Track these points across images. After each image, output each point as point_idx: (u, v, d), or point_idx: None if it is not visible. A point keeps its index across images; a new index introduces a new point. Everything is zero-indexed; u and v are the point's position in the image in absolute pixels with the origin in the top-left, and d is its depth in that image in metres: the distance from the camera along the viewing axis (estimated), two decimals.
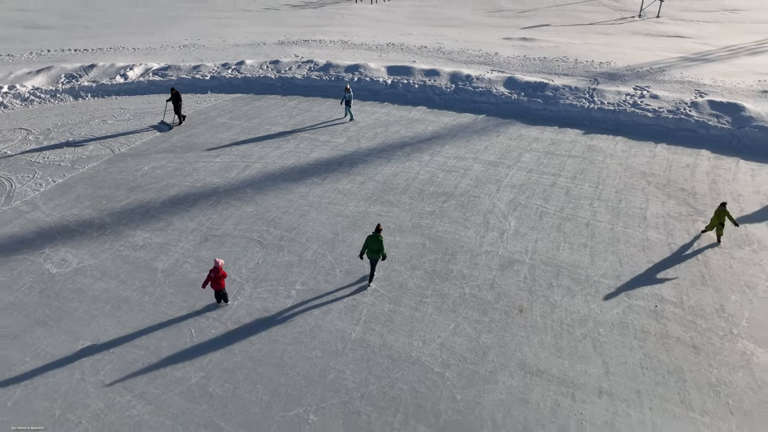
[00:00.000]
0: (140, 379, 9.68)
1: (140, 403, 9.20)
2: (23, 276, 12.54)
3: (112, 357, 10.19)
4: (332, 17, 42.51)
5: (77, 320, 11.15)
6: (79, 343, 10.54)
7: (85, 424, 8.87)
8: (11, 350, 10.36)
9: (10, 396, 9.38)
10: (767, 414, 9.04)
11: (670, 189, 16.47)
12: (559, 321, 11.11)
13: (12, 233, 14.26)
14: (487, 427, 8.83)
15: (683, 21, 40.37)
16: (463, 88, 24.41)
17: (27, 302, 11.68)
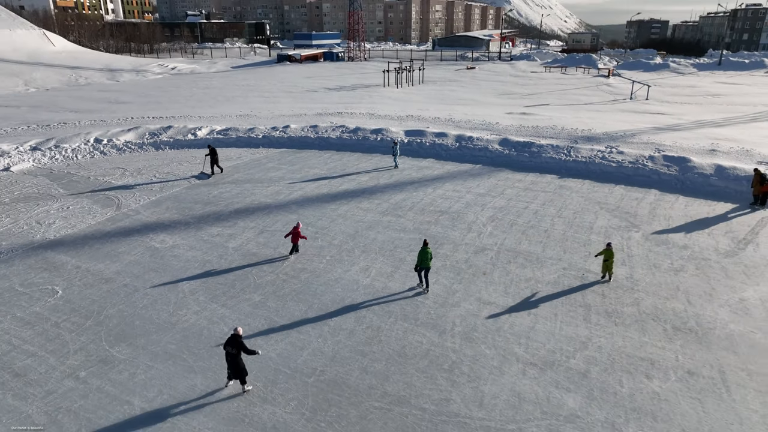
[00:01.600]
0: (220, 298, 14.57)
1: (221, 308, 14.05)
2: (138, 247, 17.88)
3: (204, 286, 15.17)
4: (362, 97, 49.88)
5: (177, 270, 16.27)
6: (179, 280, 15.58)
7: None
8: (138, 281, 15.43)
9: (141, 298, 14.36)
10: (640, 327, 13.37)
11: (617, 212, 21.22)
12: (511, 280, 15.71)
13: (125, 226, 19.80)
14: (449, 326, 13.38)
15: (668, 102, 46.28)
16: (465, 146, 30.08)
17: (142, 261, 16.91)
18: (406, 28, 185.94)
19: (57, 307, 14.17)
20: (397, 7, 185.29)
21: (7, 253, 17.46)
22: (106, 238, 18.71)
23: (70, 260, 16.98)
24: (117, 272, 16.19)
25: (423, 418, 10.34)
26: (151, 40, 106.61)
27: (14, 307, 14.21)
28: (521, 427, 10.10)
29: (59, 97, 51.67)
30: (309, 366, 11.84)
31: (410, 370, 11.74)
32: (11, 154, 28.39)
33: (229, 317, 13.71)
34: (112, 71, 70.24)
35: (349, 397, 10.87)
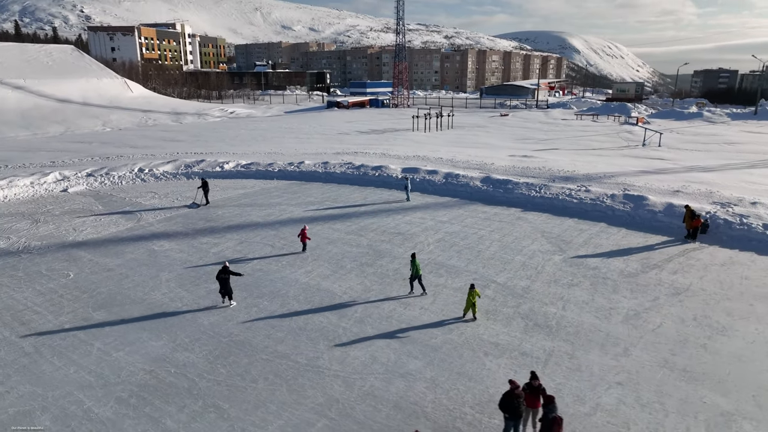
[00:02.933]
0: (186, 285, 18.64)
1: (183, 292, 18.08)
2: (139, 249, 22.45)
3: (177, 277, 19.33)
4: (387, 140, 54.34)
5: (162, 265, 20.59)
6: (160, 272, 19.85)
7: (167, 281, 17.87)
8: (130, 272, 19.84)
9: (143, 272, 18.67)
10: (506, 323, 16.16)
11: (554, 239, 23.83)
12: (426, 284, 18.85)
13: (137, 234, 24.57)
14: (350, 313, 16.71)
15: (677, 149, 47.57)
16: (450, 182, 33.42)
17: (140, 258, 21.41)
18: (461, 78, 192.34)
19: (65, 285, 18.75)
20: (454, 58, 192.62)
21: (43, 248, 22.52)
22: (118, 242, 23.50)
23: (86, 255, 21.76)
24: (118, 265, 20.72)
25: (293, 367, 13.72)
26: (218, 87, 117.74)
27: (35, 283, 18.93)
28: (363, 377, 13.26)
29: (126, 136, 59.64)
30: (227, 331, 15.54)
31: (302, 338, 15.17)
32: (70, 178, 34.58)
33: (186, 298, 17.72)
34: (177, 114, 79.17)
35: (246, 352, 14.44)
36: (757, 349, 14.60)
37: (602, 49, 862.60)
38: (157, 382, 13.07)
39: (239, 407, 12.12)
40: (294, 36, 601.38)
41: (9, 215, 27.72)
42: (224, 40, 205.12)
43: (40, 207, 29.33)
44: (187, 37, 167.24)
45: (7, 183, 32.30)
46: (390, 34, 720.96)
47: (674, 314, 16.63)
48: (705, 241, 23.55)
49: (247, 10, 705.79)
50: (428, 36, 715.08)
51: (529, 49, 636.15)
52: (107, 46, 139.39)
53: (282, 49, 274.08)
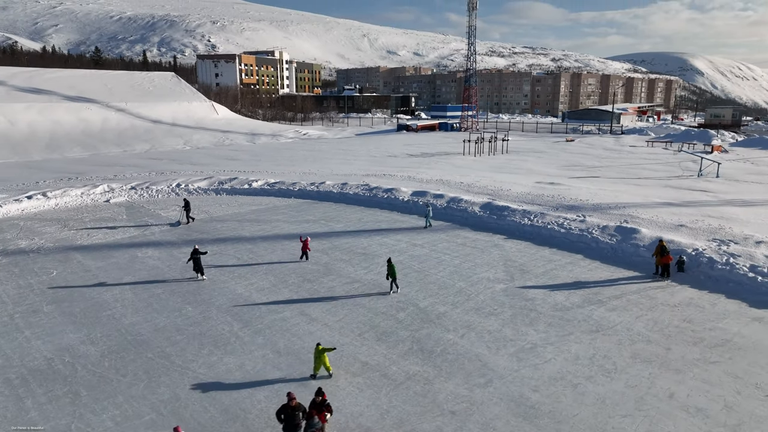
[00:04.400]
0: (143, 285, 20.82)
1: (131, 292, 20.24)
2: (125, 254, 25.19)
3: (139, 278, 21.60)
4: (428, 164, 54.92)
5: (134, 269, 23.03)
6: (129, 274, 22.24)
7: None
8: (102, 273, 22.46)
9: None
10: (382, 337, 16.43)
11: (513, 268, 23.33)
12: (344, 303, 19.52)
13: (134, 241, 27.51)
14: (255, 322, 17.83)
15: (734, 182, 43.55)
16: (450, 206, 33.47)
17: (120, 262, 24.08)
18: (553, 101, 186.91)
19: (43, 281, 21.69)
20: (546, 82, 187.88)
21: (51, 250, 26.02)
22: (114, 247, 26.50)
23: (79, 257, 24.86)
24: (98, 267, 23.51)
25: (166, 367, 15.10)
26: (303, 110, 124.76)
27: (22, 278, 22.09)
28: (218, 381, 14.31)
29: (197, 154, 65.49)
30: (138, 331, 17.31)
31: (194, 343, 16.53)
32: (116, 190, 39.10)
33: (129, 299, 19.84)
34: (253, 135, 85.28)
35: (139, 350, 16.06)
36: (629, 394, 13.68)
37: (730, 70, 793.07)
38: (48, 368, 15.02)
39: (92, 395, 13.67)
40: (398, 60, 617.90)
41: (48, 220, 32.10)
42: (320, 65, 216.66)
43: (77, 214, 33.60)
44: (284, 63, 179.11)
45: (61, 192, 37.30)
46: (494, 57, 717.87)
47: (572, 352, 15.92)
48: (679, 279, 21.88)
49: (355, 36, 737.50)
50: (534, 59, 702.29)
51: (644, 71, 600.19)
52: (212, 72, 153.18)
53: (380, 74, 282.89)
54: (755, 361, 15.29)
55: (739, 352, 15.82)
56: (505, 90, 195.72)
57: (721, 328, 17.47)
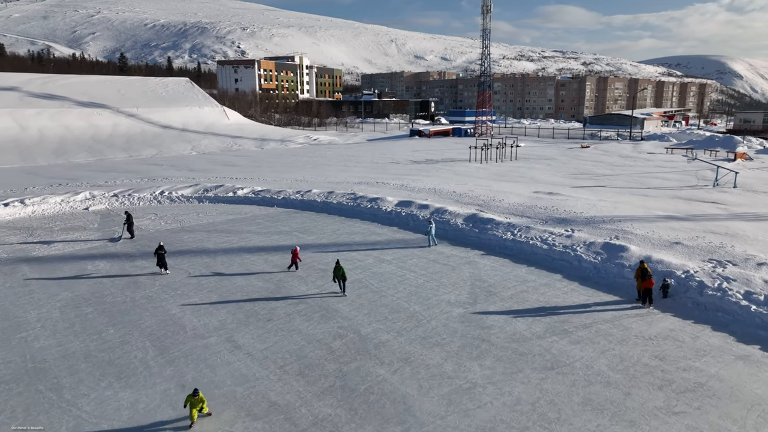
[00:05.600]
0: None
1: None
2: (75, 268, 24.01)
3: (75, 294, 20.31)
4: (428, 171, 52.89)
5: (70, 286, 21.77)
6: (67, 288, 20.98)
7: None
8: (44, 288, 21.26)
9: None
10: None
11: (480, 290, 21.23)
12: (276, 324, 17.80)
13: (92, 253, 26.35)
14: (188, 329, 16.24)
15: (752, 192, 40.38)
16: (433, 218, 31.43)
17: (64, 276, 22.88)
18: (578, 106, 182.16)
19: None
20: (570, 86, 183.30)
21: (6, 261, 25.03)
22: (65, 259, 25.35)
23: (25, 270, 23.76)
24: (39, 281, 22.32)
25: (52, 402, 13.60)
26: (319, 115, 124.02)
27: None
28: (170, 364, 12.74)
29: (199, 160, 64.90)
30: (44, 359, 15.90)
31: (96, 373, 15.01)
32: (96, 197, 38.31)
33: (54, 321, 18.50)
34: (262, 140, 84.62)
35: (33, 380, 14.62)
36: None
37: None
38: None
39: None
40: (425, 65, 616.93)
41: (17, 228, 31.32)
42: (340, 70, 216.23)
43: (48, 223, 32.78)
44: (304, 68, 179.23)
45: (40, 200, 36.66)
46: (523, 61, 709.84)
47: (514, 395, 13.82)
48: (662, 306, 19.46)
49: (383, 41, 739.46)
50: (564, 63, 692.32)
51: (679, 75, 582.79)
52: (231, 77, 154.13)
53: (403, 79, 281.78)
54: (728, 414, 12.93)
55: (711, 401, 13.46)
56: (528, 94, 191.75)
57: (698, 368, 15.09)
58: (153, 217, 34.11)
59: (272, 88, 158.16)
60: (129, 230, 28.81)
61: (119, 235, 29.17)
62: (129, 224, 28.75)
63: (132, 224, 28.88)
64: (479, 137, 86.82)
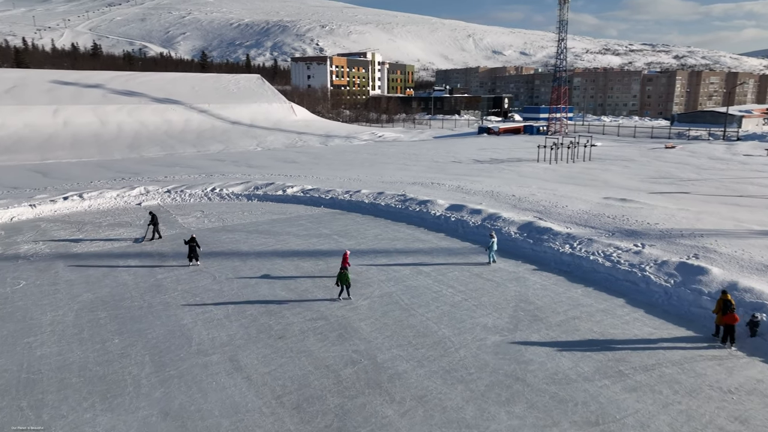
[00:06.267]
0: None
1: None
2: (105, 266, 23.61)
3: (96, 296, 19.72)
4: (490, 172, 49.75)
5: (94, 287, 21.26)
6: (88, 289, 20.47)
7: None
8: (74, 287, 20.89)
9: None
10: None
11: (524, 313, 18.54)
12: (275, 345, 16.12)
13: (127, 252, 26.01)
14: (150, 329, 14.96)
15: None
16: (485, 225, 28.74)
17: (93, 275, 22.48)
18: (666, 102, 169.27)
19: (5, 294, 20.47)
20: (658, 81, 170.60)
21: (42, 256, 25.14)
22: (100, 256, 25.09)
23: (61, 266, 23.64)
24: (67, 280, 22.01)
25: (26, 421, 12.61)
26: (388, 111, 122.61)
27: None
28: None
29: (261, 156, 65.20)
30: (40, 369, 15.09)
31: (84, 390, 13.95)
32: (150, 193, 38.66)
33: (65, 325, 17.87)
34: (327, 137, 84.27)
35: (18, 395, 13.77)
36: None
37: None
38: None
39: None
40: (503, 60, 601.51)
41: (70, 222, 31.86)
42: (412, 66, 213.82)
43: (99, 218, 33.17)
44: (376, 64, 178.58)
45: (97, 194, 37.43)
46: (608, 55, 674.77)
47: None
48: (748, 348, 15.98)
49: (460, 37, 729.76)
50: (653, 56, 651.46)
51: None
52: (304, 74, 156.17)
53: (478, 74, 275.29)
54: None
55: None
56: (611, 90, 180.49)
57: None
58: (199, 215, 33.74)
59: (343, 84, 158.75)
60: (155, 230, 28.02)
61: (143, 235, 28.41)
62: (154, 224, 27.92)
63: (157, 224, 28.10)
64: (551, 135, 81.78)
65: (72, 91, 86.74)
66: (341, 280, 19.55)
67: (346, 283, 19.56)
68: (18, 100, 79.59)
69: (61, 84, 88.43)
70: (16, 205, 34.02)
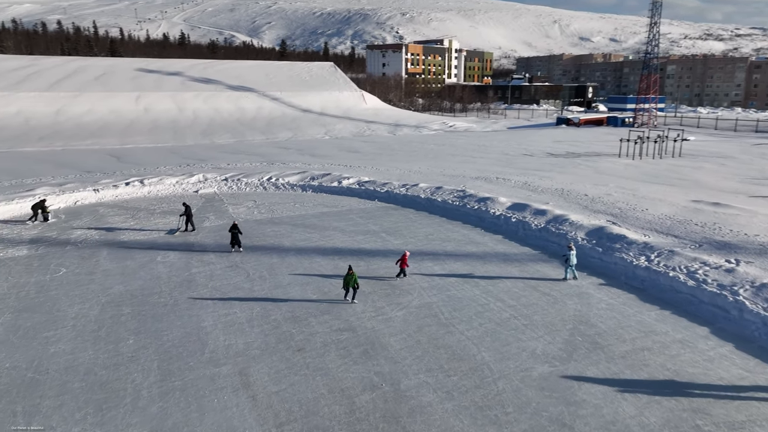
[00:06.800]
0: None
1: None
2: (146, 257, 23.17)
3: (126, 290, 19.17)
4: (564, 167, 45.89)
5: (129, 279, 20.73)
6: (122, 282, 19.96)
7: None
8: (111, 278, 20.53)
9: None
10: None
11: (581, 338, 15.89)
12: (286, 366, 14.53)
13: (172, 241, 25.56)
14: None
15: None
16: (548, 228, 25.84)
17: (130, 266, 22.05)
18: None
19: (39, 282, 20.35)
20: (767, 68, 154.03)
21: (90, 243, 25.20)
22: (143, 246, 24.73)
23: (103, 254, 23.47)
24: (104, 270, 21.70)
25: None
26: (462, 100, 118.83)
27: (25, 274, 21.07)
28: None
29: (326, 145, 64.52)
30: (47, 369, 14.44)
31: (81, 398, 13.06)
32: (208, 180, 38.62)
33: (88, 320, 17.30)
34: (396, 126, 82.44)
35: (14, 398, 13.09)
36: None
37: None
38: None
39: None
40: (591, 47, 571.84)
41: (127, 208, 32.16)
42: (491, 54, 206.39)
43: (153, 204, 33.30)
44: (453, 52, 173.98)
45: (158, 180, 37.82)
46: (710, 41, 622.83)
47: None
48: None
49: (545, 23, 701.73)
50: (763, 41, 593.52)
51: None
52: (379, 62, 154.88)
53: (562, 62, 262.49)
54: None
55: None
56: (710, 79, 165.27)
57: None
58: (250, 205, 33.07)
59: (418, 72, 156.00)
60: (188, 222, 27.18)
61: (176, 227, 27.68)
62: (188, 216, 27.10)
63: (191, 216, 27.25)
64: (637, 128, 75.26)
65: (154, 78, 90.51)
66: (348, 282, 18.08)
67: (353, 285, 18.09)
68: (105, 87, 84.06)
69: (145, 72, 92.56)
70: (81, 189, 34.90)
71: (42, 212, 29.01)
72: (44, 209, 29.04)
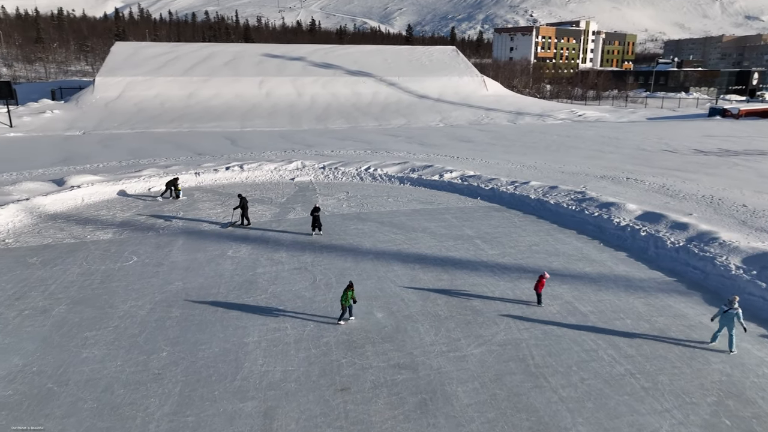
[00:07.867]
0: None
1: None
2: (217, 251, 21.81)
3: (182, 289, 17.77)
4: (716, 168, 38.26)
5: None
6: (182, 278, 18.63)
7: None
8: (173, 273, 19.41)
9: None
10: None
11: (725, 420, 11.31)
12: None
13: (243, 234, 24.08)
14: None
15: None
16: (688, 249, 20.44)
17: (198, 260, 20.75)
18: None
19: (105, 271, 19.67)
20: None
21: (170, 231, 24.51)
22: (219, 237, 23.45)
23: (178, 244, 22.49)
24: (172, 262, 20.59)
25: None
26: (596, 87, 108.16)
27: (97, 262, 20.56)
28: None
29: (437, 133, 61.06)
30: (70, 378, 13.09)
31: (88, 422, 11.39)
32: (306, 167, 37.25)
33: (133, 321, 15.99)
34: (517, 114, 76.47)
35: (21, 413, 11.76)
36: None
37: None
38: None
39: None
40: (761, 27, 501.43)
41: (218, 194, 31.52)
42: (634, 36, 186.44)
43: (247, 191, 32.21)
44: (590, 34, 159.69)
45: (257, 166, 37.16)
46: None
47: None
48: None
49: (703, 2, 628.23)
50: None
51: None
52: (507, 46, 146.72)
53: (720, 44, 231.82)
54: None
55: None
56: None
57: None
58: (342, 197, 30.93)
59: (549, 57, 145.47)
60: (243, 216, 25.07)
61: (231, 220, 25.83)
62: (243, 209, 24.95)
63: (246, 209, 25.06)
64: None
65: (277, 63, 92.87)
66: (345, 300, 15.26)
67: (348, 303, 15.32)
68: (233, 71, 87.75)
69: (270, 57, 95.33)
70: (184, 173, 35.15)
71: (174, 189, 30.16)
72: (176, 186, 30.19)
